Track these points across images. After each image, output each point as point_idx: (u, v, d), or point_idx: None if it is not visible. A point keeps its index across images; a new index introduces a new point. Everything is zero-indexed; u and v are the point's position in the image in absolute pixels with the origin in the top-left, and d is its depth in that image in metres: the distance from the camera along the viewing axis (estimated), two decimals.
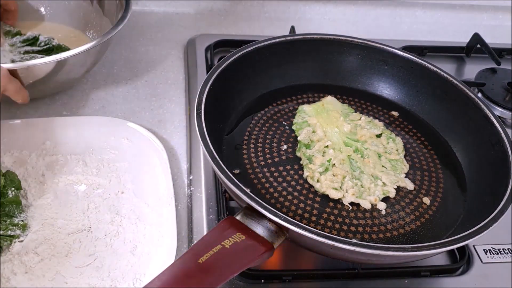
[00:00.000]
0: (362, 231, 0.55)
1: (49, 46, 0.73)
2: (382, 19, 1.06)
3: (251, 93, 0.69)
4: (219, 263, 0.43)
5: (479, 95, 0.85)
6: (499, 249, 0.62)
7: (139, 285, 0.52)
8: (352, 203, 0.57)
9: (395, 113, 0.71)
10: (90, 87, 0.77)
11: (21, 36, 0.74)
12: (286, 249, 0.49)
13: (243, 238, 0.46)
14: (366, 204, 0.57)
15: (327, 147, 0.62)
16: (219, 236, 0.46)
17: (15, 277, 0.51)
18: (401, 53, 0.71)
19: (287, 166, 0.61)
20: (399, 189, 0.60)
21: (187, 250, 0.53)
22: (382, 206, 0.58)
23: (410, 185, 0.61)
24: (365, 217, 0.56)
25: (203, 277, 0.42)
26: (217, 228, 0.47)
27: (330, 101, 0.69)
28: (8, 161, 0.61)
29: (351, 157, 0.61)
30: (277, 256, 0.47)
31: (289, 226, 0.46)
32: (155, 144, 0.65)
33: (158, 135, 0.69)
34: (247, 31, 0.97)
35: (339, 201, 0.58)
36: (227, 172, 0.50)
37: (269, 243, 0.46)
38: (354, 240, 0.49)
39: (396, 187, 0.60)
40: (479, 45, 0.92)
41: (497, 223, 0.50)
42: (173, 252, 0.53)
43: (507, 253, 0.62)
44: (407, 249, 0.46)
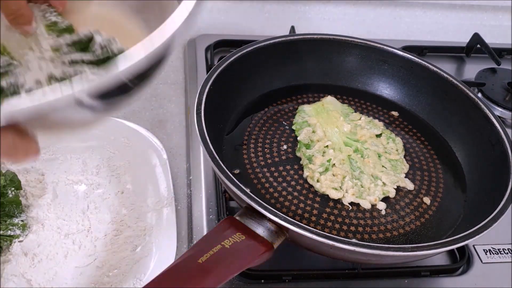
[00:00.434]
0: (362, 231, 0.55)
1: (108, 55, 0.43)
2: (382, 19, 1.06)
3: (251, 93, 0.69)
4: (219, 263, 0.43)
5: (479, 95, 0.85)
6: (499, 249, 0.62)
7: (139, 285, 0.52)
8: (352, 203, 0.57)
9: (395, 113, 0.71)
10: None
11: (71, 34, 0.44)
12: (286, 249, 0.49)
13: (243, 238, 0.46)
14: (366, 204, 0.57)
15: (327, 147, 0.62)
16: (219, 236, 0.46)
17: (14, 277, 0.51)
18: (401, 53, 0.71)
19: (287, 166, 0.61)
20: (399, 189, 0.60)
21: (187, 250, 0.53)
22: (382, 206, 0.58)
23: (410, 185, 0.61)
24: (365, 217, 0.56)
25: (203, 277, 0.42)
26: (217, 228, 0.47)
27: (330, 101, 0.69)
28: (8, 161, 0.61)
29: (351, 157, 0.61)
30: (277, 256, 0.47)
31: (289, 226, 0.46)
32: (155, 144, 0.65)
33: (158, 135, 0.69)
34: (247, 31, 0.97)
35: (339, 201, 0.58)
36: (227, 172, 0.50)
37: (269, 243, 0.46)
38: (354, 240, 0.49)
39: (396, 187, 0.60)
40: (479, 45, 0.92)
41: (497, 223, 0.50)
42: (173, 252, 0.53)
43: (507, 253, 0.62)
44: (407, 249, 0.46)
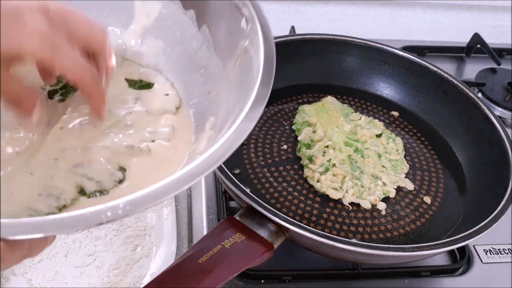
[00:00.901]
0: (362, 231, 0.55)
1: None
2: (382, 19, 1.06)
3: None
4: (219, 263, 0.43)
5: (479, 95, 0.84)
6: (499, 249, 0.62)
7: (139, 285, 0.52)
8: (352, 203, 0.57)
9: (395, 113, 0.71)
10: None
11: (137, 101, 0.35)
12: (286, 249, 0.49)
13: (243, 238, 0.46)
14: (366, 204, 0.57)
15: (327, 147, 0.62)
16: (219, 236, 0.46)
17: (14, 277, 0.51)
18: (401, 53, 0.71)
19: (287, 166, 0.61)
20: (399, 189, 0.60)
21: (187, 250, 0.53)
22: (382, 206, 0.58)
23: (410, 185, 0.61)
24: (365, 217, 0.56)
25: (203, 277, 0.42)
26: (217, 228, 0.47)
27: (330, 101, 0.69)
28: None
29: (351, 157, 0.61)
30: (277, 256, 0.47)
31: (289, 226, 0.46)
32: None
33: None
34: None
35: (339, 201, 0.58)
36: (227, 172, 0.50)
37: (269, 243, 0.46)
38: (354, 240, 0.49)
39: (396, 187, 0.60)
40: (479, 45, 0.92)
41: (497, 223, 0.50)
42: (173, 252, 0.53)
43: (507, 253, 0.62)
44: (407, 249, 0.46)
